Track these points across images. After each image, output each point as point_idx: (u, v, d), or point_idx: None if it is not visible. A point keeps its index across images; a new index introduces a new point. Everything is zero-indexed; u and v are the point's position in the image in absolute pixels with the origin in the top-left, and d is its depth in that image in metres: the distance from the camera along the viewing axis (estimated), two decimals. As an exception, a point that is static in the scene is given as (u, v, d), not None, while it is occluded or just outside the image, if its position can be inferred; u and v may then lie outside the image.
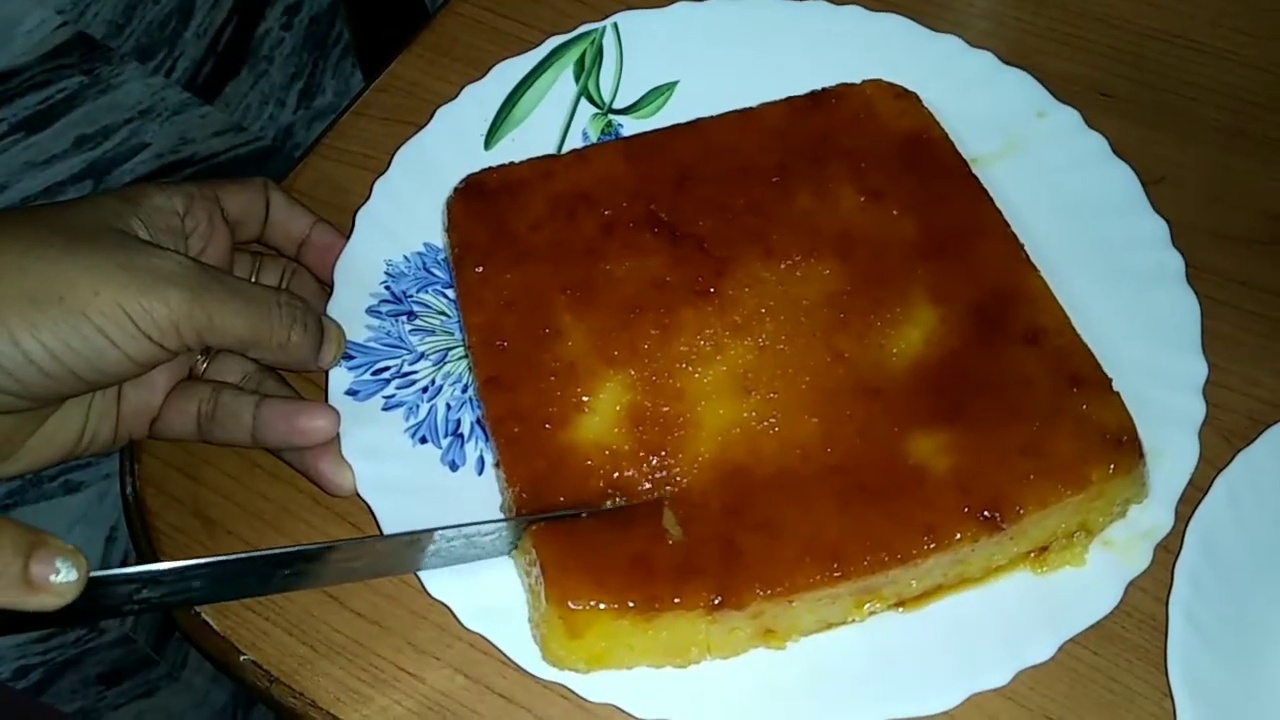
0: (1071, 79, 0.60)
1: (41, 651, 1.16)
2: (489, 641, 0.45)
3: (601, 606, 0.42)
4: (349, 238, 0.54)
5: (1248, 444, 0.49)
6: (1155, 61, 0.63)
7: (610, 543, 0.44)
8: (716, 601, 0.42)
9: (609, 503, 0.45)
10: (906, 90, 0.57)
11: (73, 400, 0.47)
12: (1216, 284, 0.54)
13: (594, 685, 0.44)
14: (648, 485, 0.45)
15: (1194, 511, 0.47)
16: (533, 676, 0.44)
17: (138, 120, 1.32)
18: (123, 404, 0.49)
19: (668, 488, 0.45)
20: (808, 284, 0.51)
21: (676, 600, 0.42)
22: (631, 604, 0.42)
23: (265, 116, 1.40)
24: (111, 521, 1.21)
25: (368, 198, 0.56)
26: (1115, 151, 0.56)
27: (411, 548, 0.44)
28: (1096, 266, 0.53)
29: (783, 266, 0.51)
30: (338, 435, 0.48)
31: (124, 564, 1.20)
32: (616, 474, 0.45)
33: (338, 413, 0.48)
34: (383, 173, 0.57)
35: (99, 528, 1.21)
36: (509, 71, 0.60)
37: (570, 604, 0.42)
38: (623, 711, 0.43)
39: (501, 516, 0.47)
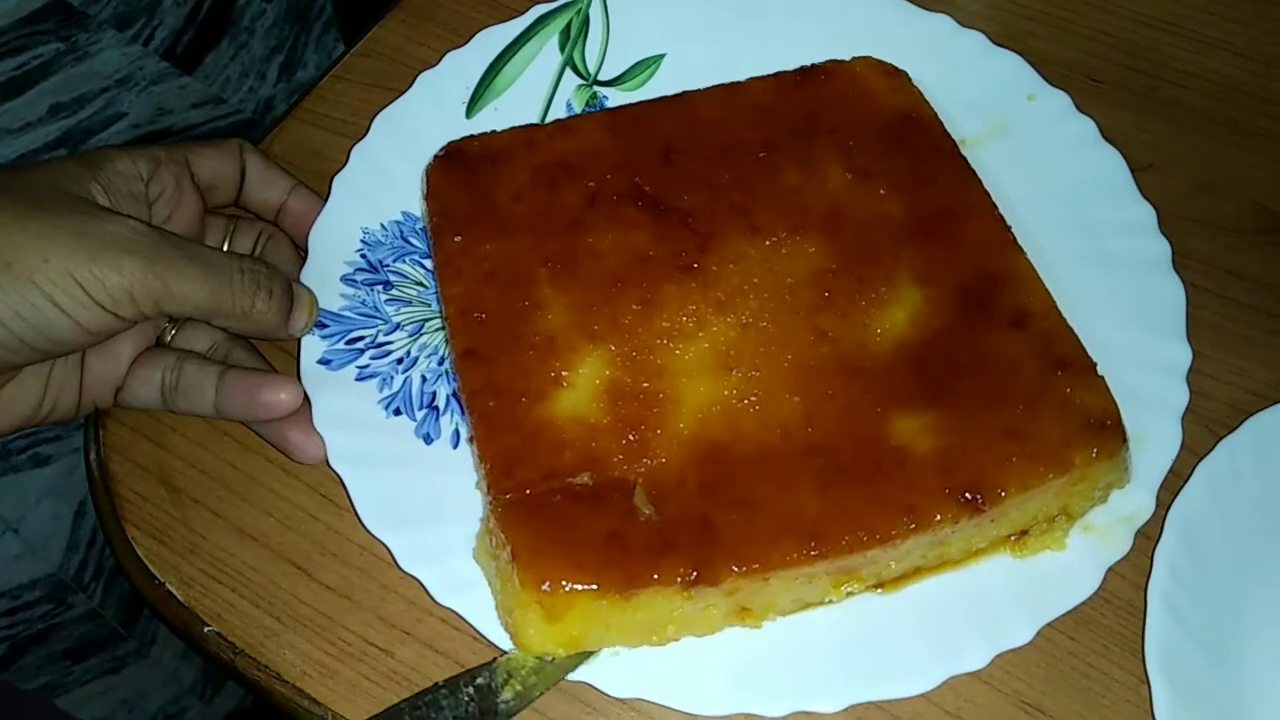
0: (1062, 63, 0.60)
1: (7, 626, 1.14)
2: (460, 617, 0.44)
3: (579, 587, 0.41)
4: (325, 204, 0.53)
5: (1230, 432, 0.48)
6: (1146, 48, 0.62)
7: (582, 521, 0.42)
8: (692, 577, 0.41)
9: (581, 477, 0.44)
10: (896, 69, 0.56)
11: (30, 368, 0.45)
12: (1203, 272, 0.54)
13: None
14: (623, 460, 0.44)
15: (1175, 498, 0.47)
16: (504, 652, 0.43)
17: (114, 89, 1.30)
18: (86, 372, 0.47)
19: (645, 462, 0.44)
20: (792, 261, 0.50)
21: (655, 577, 0.41)
22: (611, 583, 0.41)
23: (245, 89, 1.37)
24: (80, 496, 1.20)
25: (345, 163, 0.54)
26: (1105, 137, 0.55)
27: None
28: (1083, 251, 0.52)
29: (767, 243, 0.51)
30: (307, 404, 0.47)
31: (91, 540, 1.19)
32: (593, 447, 0.45)
33: (300, 386, 0.47)
34: (361, 138, 0.55)
35: (68, 502, 1.19)
36: (492, 39, 0.59)
37: (546, 586, 0.41)
38: (596, 690, 0.43)
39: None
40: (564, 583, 0.41)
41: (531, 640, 0.42)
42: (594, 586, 0.41)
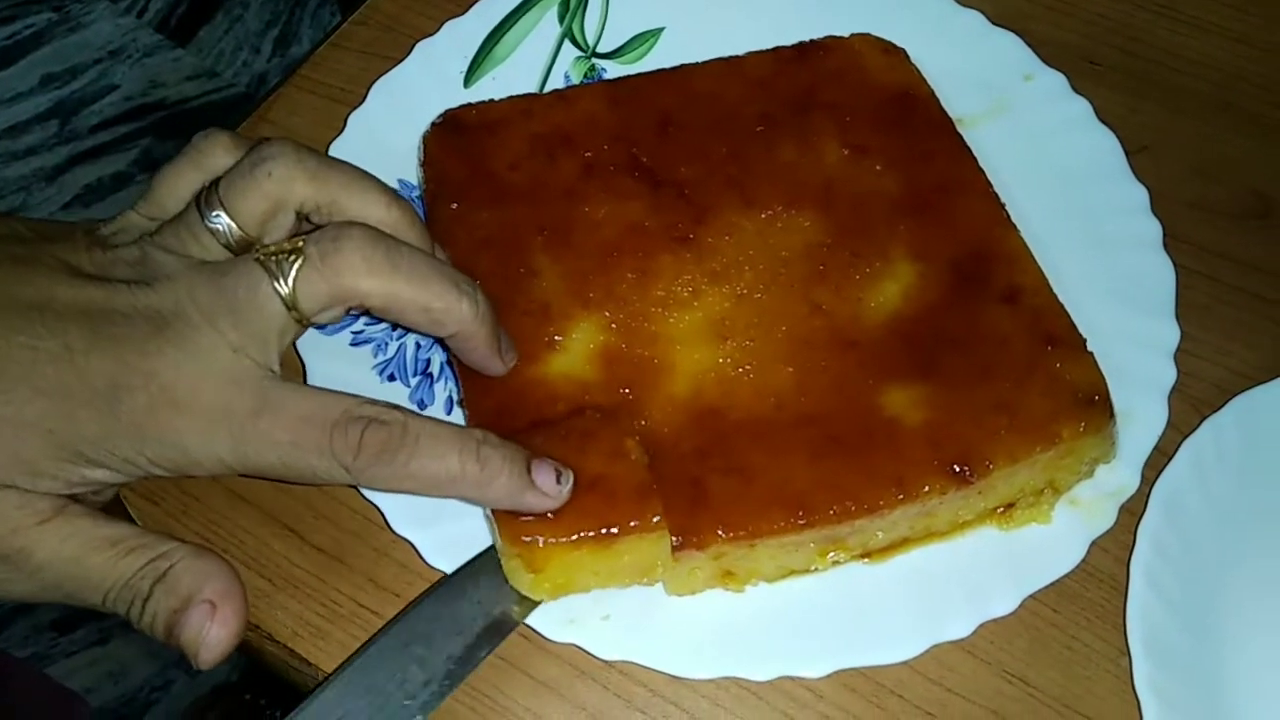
0: (1059, 45, 0.60)
1: (-7, 596, 1.14)
2: (451, 579, 0.44)
3: (555, 541, 0.41)
4: (321, 169, 0.53)
5: (1215, 411, 0.49)
6: (1144, 31, 0.62)
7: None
8: (676, 542, 0.42)
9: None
10: (895, 46, 0.56)
11: None
12: (1194, 255, 0.54)
13: (556, 626, 0.43)
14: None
15: (1159, 475, 0.47)
16: (495, 614, 0.44)
17: (107, 61, 1.29)
18: None
19: (640, 422, 0.45)
20: (788, 235, 0.50)
21: (634, 524, 0.41)
22: (586, 534, 0.41)
23: (239, 63, 1.37)
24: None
25: (342, 130, 0.54)
26: (1100, 119, 0.56)
27: None
28: (1076, 230, 0.52)
29: (763, 217, 0.51)
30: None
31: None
32: (585, 401, 0.45)
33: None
34: (358, 106, 0.55)
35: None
36: (492, 9, 0.59)
37: (524, 539, 0.41)
38: (584, 651, 0.43)
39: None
40: (539, 537, 0.41)
41: (524, 587, 0.42)
42: (572, 538, 0.41)
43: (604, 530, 0.41)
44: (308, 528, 0.48)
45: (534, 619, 0.43)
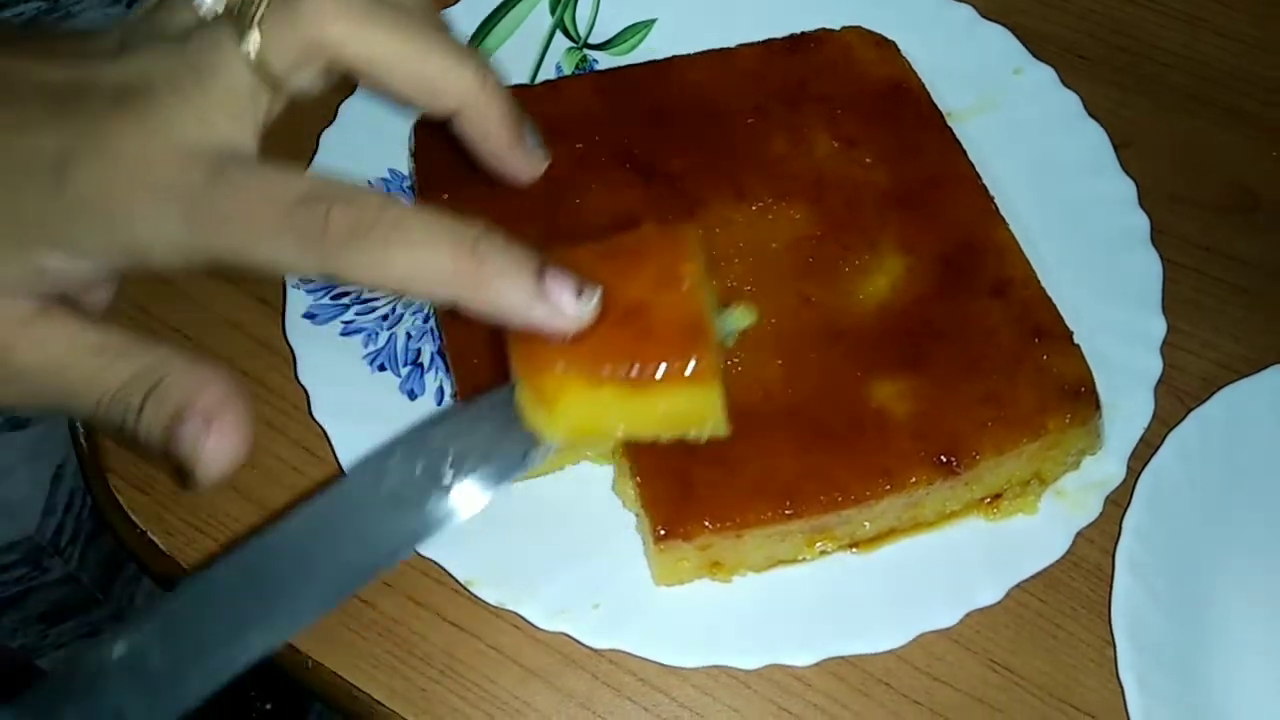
0: (1048, 39, 0.60)
1: (-18, 587, 1.14)
2: (441, 568, 0.44)
3: (572, 373, 0.34)
4: (311, 160, 0.53)
5: (1200, 404, 0.49)
6: (1132, 26, 0.63)
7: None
8: (662, 533, 0.42)
9: None
10: (886, 39, 0.56)
11: None
12: (1180, 248, 0.55)
13: (546, 615, 0.43)
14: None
15: (1145, 466, 0.48)
16: (484, 605, 0.44)
17: (97, 49, 1.28)
18: None
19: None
20: (778, 227, 0.51)
21: (667, 368, 0.33)
22: (608, 370, 0.33)
23: (231, 53, 1.36)
24: (58, 460, 1.19)
25: (333, 119, 0.54)
26: (1088, 112, 0.56)
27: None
28: (1064, 223, 0.53)
29: (754, 209, 0.51)
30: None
31: (69, 503, 1.18)
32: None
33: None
34: (349, 95, 0.55)
35: (45, 465, 1.19)
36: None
37: (535, 364, 0.34)
38: (574, 640, 0.43)
39: None
40: (555, 363, 0.34)
41: (539, 424, 0.35)
42: (591, 373, 0.34)
43: (630, 370, 0.33)
44: (298, 517, 0.48)
45: (522, 609, 0.43)
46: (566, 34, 0.59)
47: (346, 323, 0.50)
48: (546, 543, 0.45)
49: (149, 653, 0.31)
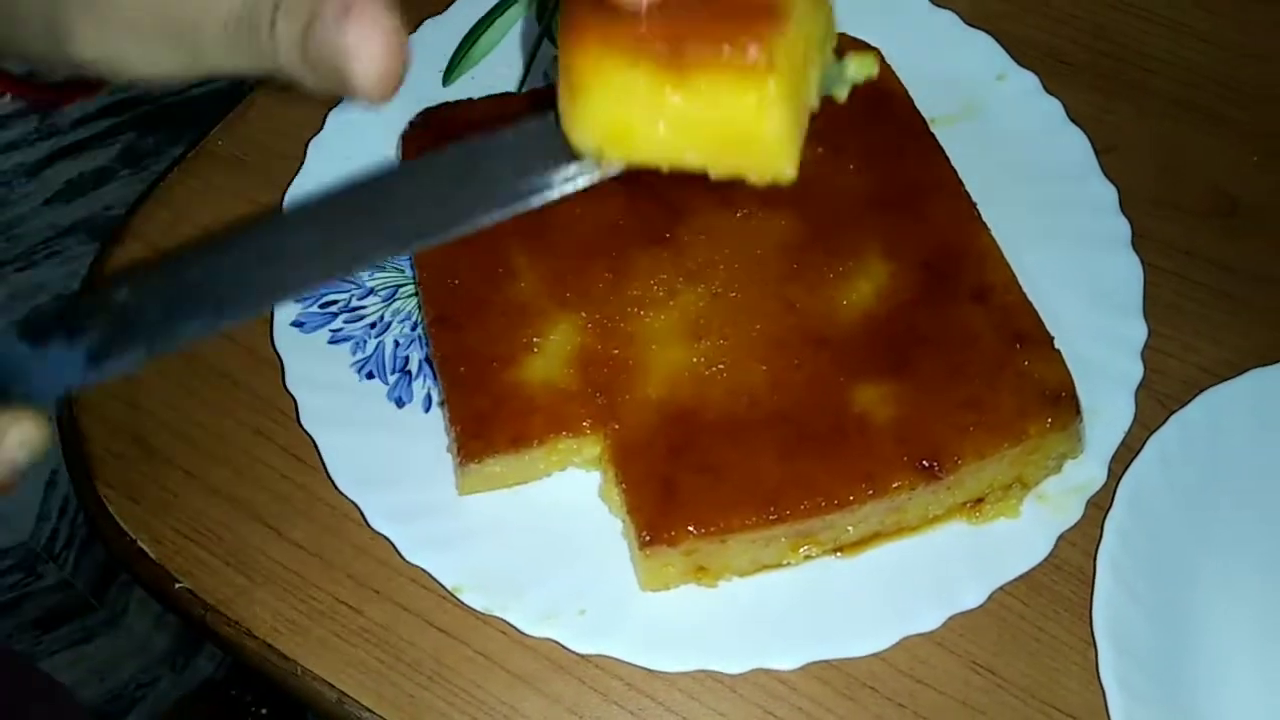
0: (1031, 44, 0.61)
1: (-23, 594, 1.14)
2: (430, 575, 0.45)
3: (610, 42, 0.29)
4: (300, 168, 0.53)
5: (1181, 407, 0.50)
6: (1115, 32, 0.63)
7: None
8: (646, 539, 0.42)
9: None
10: (869, 46, 0.56)
11: None
12: (1161, 252, 0.55)
13: (532, 621, 0.44)
14: (592, 424, 0.45)
15: (1126, 470, 0.48)
16: (471, 611, 0.44)
17: (87, 55, 1.28)
18: None
19: (614, 426, 0.45)
20: (762, 234, 0.51)
21: (717, 54, 0.28)
22: (649, 47, 0.29)
23: (222, 59, 1.36)
24: (52, 466, 1.19)
25: (321, 128, 0.55)
26: (1071, 118, 0.56)
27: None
28: (1046, 228, 0.53)
29: (738, 215, 0.51)
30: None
31: (62, 509, 1.18)
32: (562, 410, 0.45)
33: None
34: (337, 104, 0.55)
35: (38, 471, 1.19)
36: (471, 7, 0.59)
37: (577, 31, 0.30)
38: (560, 646, 0.44)
39: None
40: (592, 40, 0.29)
41: (572, 122, 0.31)
42: (627, 46, 0.29)
43: (674, 46, 0.28)
44: (286, 524, 0.48)
45: (510, 615, 0.44)
46: (554, 41, 0.60)
47: (334, 331, 0.50)
48: (533, 549, 0.46)
49: (148, 302, 0.32)
